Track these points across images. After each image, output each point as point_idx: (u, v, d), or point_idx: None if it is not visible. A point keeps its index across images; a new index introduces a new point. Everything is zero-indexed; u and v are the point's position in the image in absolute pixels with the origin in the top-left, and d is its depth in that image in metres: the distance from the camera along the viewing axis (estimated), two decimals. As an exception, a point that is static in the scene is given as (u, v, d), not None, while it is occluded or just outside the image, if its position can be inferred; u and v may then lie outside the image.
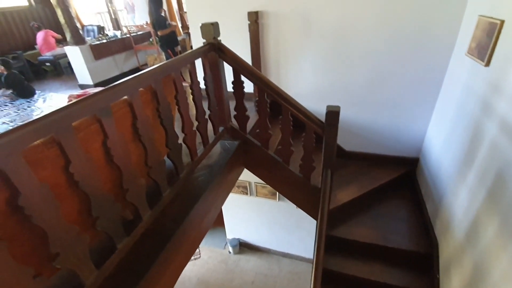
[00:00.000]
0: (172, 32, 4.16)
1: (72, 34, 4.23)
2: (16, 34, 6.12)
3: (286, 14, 2.80)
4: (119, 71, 5.02)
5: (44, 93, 4.53)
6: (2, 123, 3.53)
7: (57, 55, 5.55)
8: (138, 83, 1.35)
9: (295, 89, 3.04)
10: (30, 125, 0.91)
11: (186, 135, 1.79)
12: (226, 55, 2.01)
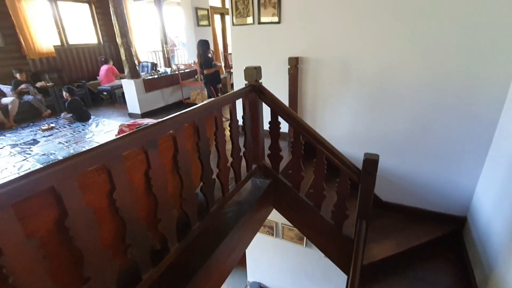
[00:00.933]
0: (216, 71, 4.51)
1: (130, 69, 4.77)
2: (84, 66, 7.06)
3: (326, 60, 2.91)
4: (165, 103, 5.45)
5: (98, 119, 5.03)
6: (58, 142, 3.93)
7: (114, 86, 6.24)
8: (184, 119, 1.45)
9: (330, 132, 3.03)
10: (88, 152, 1.00)
11: (220, 171, 1.84)
12: (266, 97, 2.10)
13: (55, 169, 0.90)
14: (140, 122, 2.23)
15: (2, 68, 5.51)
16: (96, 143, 3.81)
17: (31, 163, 3.28)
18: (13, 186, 0.80)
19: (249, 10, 3.14)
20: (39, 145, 3.85)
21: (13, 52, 5.74)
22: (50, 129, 4.51)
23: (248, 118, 2.13)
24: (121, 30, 4.54)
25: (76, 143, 3.86)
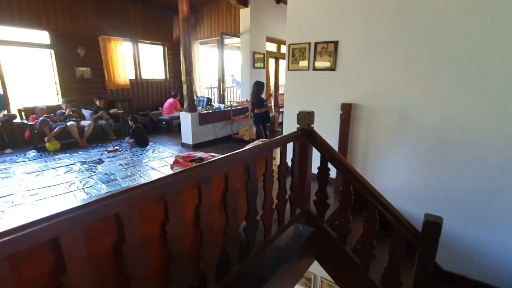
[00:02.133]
0: (266, 111, 4.69)
1: (189, 103, 5.23)
2: (150, 98, 7.97)
3: (381, 108, 2.83)
4: (215, 136, 5.77)
5: (155, 146, 5.50)
6: (119, 164, 4.34)
7: (173, 117, 6.84)
8: (238, 159, 1.50)
9: (382, 183, 2.83)
10: (152, 183, 1.07)
11: (265, 212, 1.81)
12: (317, 142, 2.09)
13: (123, 197, 0.98)
14: (194, 155, 2.37)
15: (87, 95, 6.49)
16: (150, 167, 4.14)
17: (94, 180, 3.64)
18: (87, 209, 0.89)
19: (304, 57, 3.30)
20: (103, 165, 4.29)
21: (97, 83, 6.77)
22: (114, 151, 5.04)
23: (297, 161, 2.12)
24: (187, 69, 5.09)
25: (134, 166, 4.22)
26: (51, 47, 5.98)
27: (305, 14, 3.24)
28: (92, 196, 3.20)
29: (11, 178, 3.74)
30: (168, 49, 8.31)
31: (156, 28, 7.83)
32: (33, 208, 2.92)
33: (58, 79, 6.18)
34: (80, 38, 6.33)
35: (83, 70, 6.47)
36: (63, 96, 6.16)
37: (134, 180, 3.68)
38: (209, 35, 7.65)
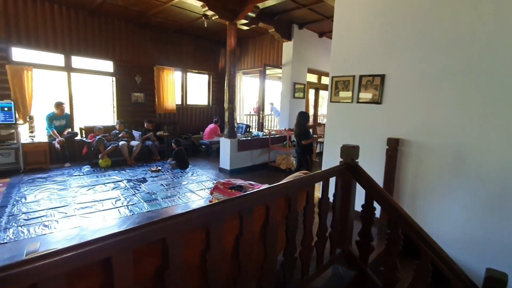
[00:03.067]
0: (312, 142, 4.67)
1: (230, 130, 5.41)
2: (193, 122, 8.43)
3: (433, 146, 2.64)
4: (252, 163, 5.82)
5: (194, 169, 5.70)
6: (160, 184, 4.55)
7: (212, 142, 7.11)
8: (279, 191, 1.48)
9: (433, 228, 2.56)
10: (197, 211, 1.10)
11: (304, 248, 1.73)
12: (361, 178, 1.99)
13: (170, 223, 1.01)
14: (233, 182, 2.40)
15: (138, 118, 7.08)
16: (189, 190, 4.26)
17: (137, 198, 3.84)
18: (137, 233, 0.92)
19: (348, 90, 3.27)
20: (147, 184, 4.53)
21: (148, 107, 7.38)
22: (157, 171, 5.32)
23: (339, 197, 2.03)
24: (230, 97, 5.34)
25: (174, 188, 4.38)
26: (113, 75, 6.75)
27: (350, 47, 3.26)
28: (135, 213, 3.35)
29: (67, 190, 4.11)
30: (213, 78, 8.87)
31: (204, 59, 8.46)
32: (82, 220, 3.14)
33: (116, 102, 6.87)
34: (138, 67, 7.06)
35: (138, 95, 7.13)
36: (118, 118, 6.79)
37: (173, 201, 3.79)
38: (252, 66, 8.03)
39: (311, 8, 5.50)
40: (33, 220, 3.09)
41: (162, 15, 6.23)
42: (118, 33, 6.64)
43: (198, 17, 6.25)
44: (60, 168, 5.41)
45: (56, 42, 5.78)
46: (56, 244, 2.60)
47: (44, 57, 5.80)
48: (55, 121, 5.68)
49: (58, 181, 4.56)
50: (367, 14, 3.12)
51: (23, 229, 2.86)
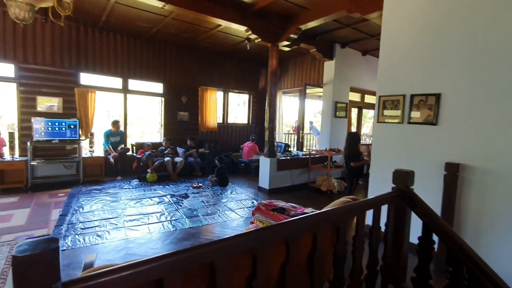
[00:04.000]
0: (362, 164, 4.47)
1: (269, 149, 5.42)
2: (232, 140, 8.65)
3: (499, 172, 2.33)
4: (291, 183, 5.71)
5: (233, 186, 5.77)
6: (201, 201, 4.66)
7: (251, 160, 7.18)
8: (327, 218, 1.40)
9: (502, 267, 2.21)
10: (244, 236, 1.07)
11: (352, 282, 1.59)
12: (417, 206, 1.81)
13: (218, 246, 1.00)
14: (276, 203, 2.35)
15: (182, 135, 7.47)
16: (228, 208, 4.29)
17: (180, 214, 3.97)
18: (188, 254, 0.93)
19: (398, 110, 3.08)
20: (188, 200, 4.68)
21: (192, 125, 7.77)
22: (198, 187, 5.49)
23: (392, 227, 1.86)
24: (271, 117, 5.39)
25: (214, 205, 4.46)
26: (162, 95, 7.29)
27: (399, 66, 3.11)
28: (177, 229, 3.45)
29: (118, 202, 4.41)
30: (253, 97, 9.10)
31: (245, 79, 8.76)
32: (130, 232, 3.31)
33: (163, 120, 7.37)
34: (185, 88, 7.55)
35: (183, 114, 7.57)
36: (165, 135, 7.25)
37: (213, 219, 3.84)
38: (292, 85, 8.09)
39: (355, 27, 5.44)
40: (88, 229, 3.35)
41: (208, 40, 6.65)
42: (169, 58, 7.22)
43: (241, 41, 6.56)
44: (112, 181, 5.87)
45: (116, 67, 6.46)
46: (107, 255, 2.76)
47: (105, 81, 6.51)
48: (111, 137, 6.25)
49: (111, 193, 4.93)
50: (418, 31, 2.97)
51: (79, 238, 3.11)
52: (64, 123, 5.60)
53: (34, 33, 5.46)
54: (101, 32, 6.21)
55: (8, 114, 7.80)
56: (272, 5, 4.62)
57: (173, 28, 5.93)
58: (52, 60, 5.69)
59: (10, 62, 5.32)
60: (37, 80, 5.57)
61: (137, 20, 5.55)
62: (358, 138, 4.48)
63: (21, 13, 1.99)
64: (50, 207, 4.11)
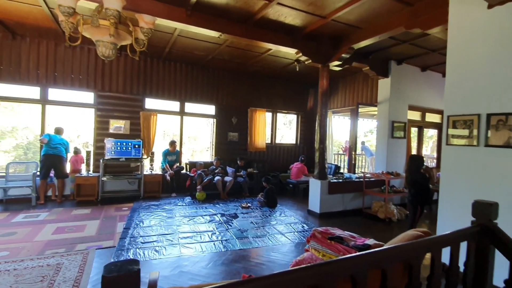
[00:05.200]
0: (429, 190, 4.05)
1: (320, 171, 5.25)
2: (280, 161, 8.62)
3: None
4: (343, 208, 5.39)
5: (282, 208, 5.67)
6: (250, 222, 4.66)
7: (300, 181, 7.02)
8: (398, 255, 1.27)
9: None
10: (307, 270, 1.02)
11: (427, 331, 1.38)
12: (503, 244, 1.54)
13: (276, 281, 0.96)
14: (332, 232, 2.22)
15: (231, 155, 7.71)
16: (278, 231, 4.19)
17: (230, 234, 4.01)
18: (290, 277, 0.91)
19: (471, 131, 2.75)
20: (238, 220, 4.72)
21: (241, 145, 7.99)
22: (247, 208, 5.52)
23: (472, 268, 1.60)
24: (321, 138, 5.27)
25: (263, 227, 4.41)
26: (214, 117, 7.69)
27: (472, 82, 2.80)
28: (228, 250, 3.47)
29: (173, 219, 4.66)
30: (301, 118, 9.05)
31: (293, 100, 8.81)
32: (184, 250, 3.43)
33: (214, 141, 7.72)
34: (235, 110, 7.87)
35: (233, 134, 7.85)
36: (215, 155, 7.56)
37: (263, 242, 3.78)
38: (342, 105, 7.86)
39: (413, 43, 5.14)
40: (147, 244, 3.57)
41: (258, 64, 6.92)
42: (221, 82, 7.67)
43: (290, 63, 6.69)
44: (168, 197, 6.25)
45: (175, 92, 7.08)
46: (164, 271, 2.89)
47: (165, 104, 7.14)
48: (169, 156, 6.74)
49: (167, 209, 5.24)
50: (492, 44, 2.67)
51: (140, 251, 3.32)
52: (130, 143, 6.23)
53: (111, 66, 6.33)
54: (164, 62, 6.91)
55: (83, 134, 9.04)
56: (322, 27, 4.65)
57: (227, 54, 6.33)
58: (123, 87, 6.48)
59: (91, 90, 6.22)
60: (110, 106, 6.38)
61: (195, 49, 6.07)
62: (419, 162, 4.06)
63: (106, 51, 2.34)
64: (115, 220, 4.52)
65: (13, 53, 5.54)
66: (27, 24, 5.02)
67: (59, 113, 6.59)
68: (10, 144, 9.93)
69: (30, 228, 3.98)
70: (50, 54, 5.82)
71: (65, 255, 3.18)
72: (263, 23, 4.54)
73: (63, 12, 2.08)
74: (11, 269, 2.81)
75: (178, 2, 3.97)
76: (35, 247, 3.36)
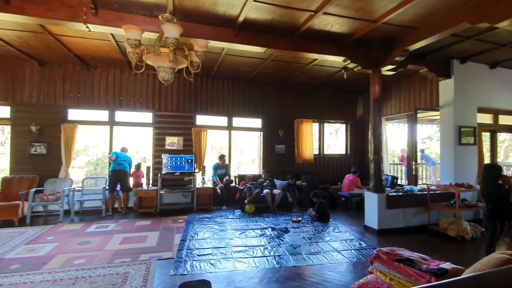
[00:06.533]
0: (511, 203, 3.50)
1: (376, 183, 4.89)
2: (330, 173, 8.29)
3: None
4: (405, 224, 4.89)
5: (335, 222, 5.38)
6: (302, 237, 4.50)
7: (352, 194, 6.63)
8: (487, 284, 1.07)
9: None
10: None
11: None
12: None
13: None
14: (400, 253, 2.01)
15: (279, 167, 7.66)
16: (333, 248, 3.96)
17: (282, 250, 3.91)
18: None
19: None
20: (289, 234, 4.60)
21: (289, 157, 7.90)
22: (297, 222, 5.37)
23: None
24: (376, 148, 4.93)
25: (317, 243, 4.22)
26: (261, 130, 7.78)
27: None
28: (282, 266, 3.38)
29: (225, 232, 4.74)
30: (350, 127, 8.65)
31: (341, 109, 8.49)
32: (238, 264, 3.44)
33: (262, 153, 7.78)
34: (281, 122, 7.87)
35: (280, 147, 7.83)
36: (263, 167, 7.58)
37: (318, 259, 3.60)
38: (397, 111, 7.31)
39: (479, 38, 4.59)
40: (203, 256, 3.67)
41: (304, 74, 6.86)
42: (267, 95, 7.78)
43: (336, 71, 6.50)
44: (219, 210, 6.42)
45: (223, 108, 7.37)
46: (220, 285, 2.91)
47: (213, 120, 7.47)
48: (218, 170, 6.97)
49: (218, 222, 5.36)
50: None
51: (196, 264, 3.43)
52: (183, 158, 6.61)
53: (166, 88, 6.88)
54: (212, 80, 7.29)
55: (141, 150, 9.91)
56: (372, 32, 4.43)
57: (272, 68, 6.41)
58: (177, 106, 6.98)
59: (150, 111, 6.81)
60: (166, 124, 6.89)
61: (241, 66, 6.28)
62: (497, 173, 3.49)
63: (166, 76, 2.54)
64: (173, 232, 4.77)
65: (88, 82, 6.39)
66: (99, 57, 5.76)
67: (122, 132, 7.34)
68: (83, 161, 11.36)
69: (101, 238, 4.41)
70: (116, 81, 6.58)
71: (131, 264, 3.43)
72: (309, 34, 4.51)
73: (131, 45, 2.33)
74: (86, 276, 3.12)
75: (226, 23, 4.17)
76: (105, 256, 3.70)
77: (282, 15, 3.97)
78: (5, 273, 3.14)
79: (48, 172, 6.00)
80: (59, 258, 3.61)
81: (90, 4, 3.56)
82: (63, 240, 4.28)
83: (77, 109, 6.43)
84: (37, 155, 6.04)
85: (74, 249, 3.93)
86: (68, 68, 6.27)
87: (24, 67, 6.04)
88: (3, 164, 10.02)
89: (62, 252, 3.82)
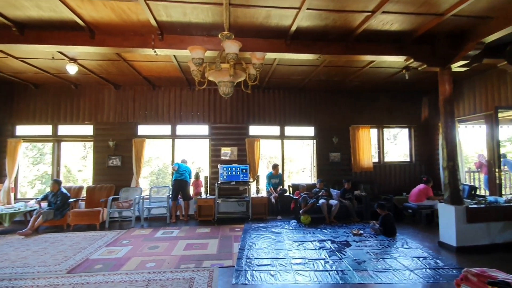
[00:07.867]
0: None
1: (452, 193, 4.32)
2: (393, 182, 7.65)
3: None
4: (490, 241, 4.19)
5: (403, 237, 4.88)
6: (366, 252, 4.18)
7: (421, 206, 5.96)
8: None
9: None
10: None
11: None
12: None
13: None
14: (492, 275, 1.71)
15: (335, 176, 7.35)
16: (404, 266, 3.58)
17: (345, 265, 3.68)
18: None
19: None
20: (351, 249, 4.32)
21: (344, 166, 7.54)
22: (359, 235, 5.02)
23: None
24: (449, 153, 4.39)
25: (384, 259, 3.86)
26: (314, 138, 7.60)
27: None
28: (347, 283, 3.17)
29: (282, 243, 4.67)
30: (415, 131, 7.90)
31: (402, 112, 7.85)
32: (299, 277, 3.34)
33: (316, 162, 7.57)
34: (335, 129, 7.58)
35: (335, 155, 7.52)
36: (318, 177, 7.35)
37: (388, 278, 3.28)
38: (471, 111, 6.44)
39: None
40: (262, 267, 3.66)
41: (358, 78, 6.54)
42: (319, 102, 7.61)
43: (396, 72, 6.06)
44: (274, 220, 6.38)
45: (275, 117, 7.43)
46: (282, 298, 2.85)
47: (265, 130, 7.55)
48: (272, 179, 6.98)
49: (274, 232, 5.32)
50: None
51: (256, 274, 3.43)
52: (238, 168, 6.80)
53: (221, 101, 7.24)
54: (264, 90, 7.42)
55: (197, 160, 10.47)
56: (438, 26, 4.03)
57: (324, 75, 6.27)
58: (231, 118, 7.27)
59: (206, 123, 7.22)
60: (221, 135, 7.21)
61: (292, 75, 6.28)
62: None
63: (226, 90, 2.67)
64: (231, 240, 4.88)
65: (153, 100, 7.10)
66: (163, 77, 6.37)
67: (182, 144, 7.91)
68: (147, 171, 12.52)
69: (167, 243, 4.74)
70: (177, 97, 7.17)
71: (195, 270, 3.59)
72: (365, 36, 4.30)
73: (195, 63, 2.52)
74: (157, 279, 3.36)
75: (278, 35, 4.24)
76: (172, 261, 3.94)
77: (335, 20, 3.87)
78: (91, 273, 3.57)
79: (122, 182, 6.76)
80: (133, 260, 3.98)
81: (157, 31, 3.97)
82: (136, 244, 4.72)
83: (145, 125, 7.16)
84: (114, 167, 6.86)
85: (145, 253, 4.28)
86: (138, 89, 7.06)
87: (103, 91, 7.00)
88: (85, 175, 11.61)
89: (136, 255, 4.19)
